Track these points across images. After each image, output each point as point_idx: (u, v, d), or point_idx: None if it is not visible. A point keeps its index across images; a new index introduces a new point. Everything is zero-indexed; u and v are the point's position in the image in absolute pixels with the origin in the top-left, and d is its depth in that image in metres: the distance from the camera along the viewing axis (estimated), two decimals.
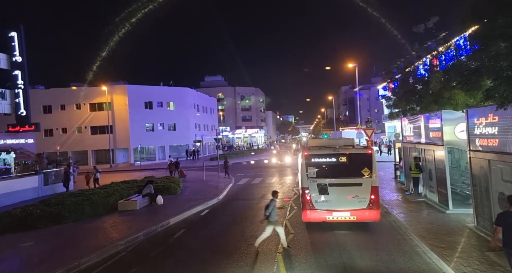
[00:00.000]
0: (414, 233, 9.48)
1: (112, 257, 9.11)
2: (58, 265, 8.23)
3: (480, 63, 8.53)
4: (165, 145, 45.49)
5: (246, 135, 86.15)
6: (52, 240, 10.65)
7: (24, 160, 24.37)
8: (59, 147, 40.24)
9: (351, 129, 50.64)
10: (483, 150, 8.63)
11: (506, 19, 6.57)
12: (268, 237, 9.10)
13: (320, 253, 8.60)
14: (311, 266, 7.79)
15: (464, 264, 7.19)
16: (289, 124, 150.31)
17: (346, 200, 10.14)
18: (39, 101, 40.45)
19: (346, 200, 10.15)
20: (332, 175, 10.36)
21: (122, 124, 42.22)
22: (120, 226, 11.88)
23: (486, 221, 8.90)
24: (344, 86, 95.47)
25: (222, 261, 8.37)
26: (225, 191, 18.69)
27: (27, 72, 25.05)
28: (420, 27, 14.08)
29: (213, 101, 64.77)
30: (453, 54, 12.59)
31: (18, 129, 24.81)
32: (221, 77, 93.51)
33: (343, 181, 10.25)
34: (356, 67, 37.70)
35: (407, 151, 15.90)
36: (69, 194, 15.91)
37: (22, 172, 21.75)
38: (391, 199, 14.26)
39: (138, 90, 43.82)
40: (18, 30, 24.50)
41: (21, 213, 12.53)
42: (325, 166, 10.52)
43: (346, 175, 10.27)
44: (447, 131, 11.11)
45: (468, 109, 9.45)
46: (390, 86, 17.77)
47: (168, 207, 14.68)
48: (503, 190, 8.04)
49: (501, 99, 6.83)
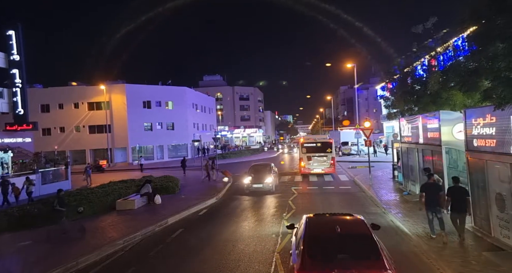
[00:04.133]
0: (411, 233, 9.51)
1: (110, 257, 9.10)
2: (56, 264, 8.22)
3: (478, 64, 8.56)
4: (164, 144, 45.43)
5: (245, 134, 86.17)
6: (50, 239, 10.62)
7: (21, 159, 24.29)
8: (57, 146, 40.14)
9: (350, 129, 50.80)
10: (481, 150, 8.66)
11: (505, 20, 6.60)
12: (266, 237, 9.05)
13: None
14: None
15: (461, 264, 7.22)
16: (288, 124, 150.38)
17: (319, 163, 22.34)
18: (37, 100, 40.29)
19: (319, 163, 22.34)
20: (313, 152, 22.56)
21: (120, 123, 42.14)
22: (118, 226, 11.87)
23: (484, 221, 8.94)
24: (343, 86, 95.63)
25: (221, 260, 8.37)
26: (223, 190, 18.68)
27: (25, 70, 24.94)
28: (419, 27, 14.12)
29: (211, 101, 64.74)
30: (451, 54, 12.62)
31: (16, 128, 24.71)
32: (220, 77, 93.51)
33: (318, 155, 22.45)
34: (355, 67, 37.77)
35: (405, 151, 15.94)
36: (67, 194, 15.85)
37: (20, 171, 21.69)
38: (389, 199, 14.29)
39: (136, 89, 43.74)
40: (16, 29, 24.38)
41: (18, 212, 12.52)
42: (310, 148, 22.74)
43: (320, 152, 22.50)
44: (445, 132, 11.14)
45: (466, 109, 9.48)
46: (389, 86, 17.81)
47: (167, 207, 14.67)
48: (500, 190, 8.08)
49: (498, 100, 6.86)
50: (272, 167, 19.64)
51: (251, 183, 17.66)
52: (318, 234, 6.01)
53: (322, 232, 6.14)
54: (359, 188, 17.96)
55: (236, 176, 23.21)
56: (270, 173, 18.41)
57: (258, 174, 18.24)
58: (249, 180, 17.86)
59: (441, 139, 11.24)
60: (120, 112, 42.12)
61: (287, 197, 16.12)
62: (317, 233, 6.06)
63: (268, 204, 14.87)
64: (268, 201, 15.60)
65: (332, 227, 6.04)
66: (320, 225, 6.49)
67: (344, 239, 5.76)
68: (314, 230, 6.18)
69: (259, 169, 19.11)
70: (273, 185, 17.74)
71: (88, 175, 23.83)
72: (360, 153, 37.33)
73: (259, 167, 19.59)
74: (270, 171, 18.72)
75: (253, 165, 20.41)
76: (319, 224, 6.59)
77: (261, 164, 20.95)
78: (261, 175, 18.15)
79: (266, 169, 18.94)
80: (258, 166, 19.96)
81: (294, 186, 19.43)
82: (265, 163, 20.75)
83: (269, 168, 19.06)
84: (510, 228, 7.76)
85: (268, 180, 17.61)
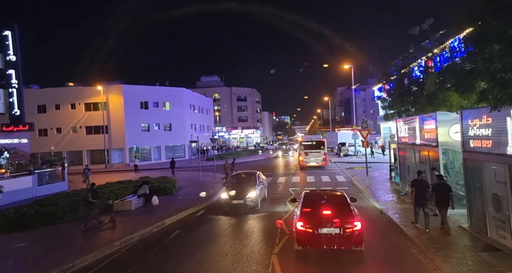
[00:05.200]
0: (409, 234, 9.54)
1: (108, 258, 9.06)
2: (53, 266, 8.17)
3: (474, 65, 8.61)
4: (161, 145, 45.31)
5: (242, 135, 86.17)
6: (46, 240, 10.57)
7: (17, 160, 24.12)
8: (54, 147, 39.86)
9: (347, 130, 50.93)
10: (477, 151, 8.70)
11: (501, 21, 6.63)
12: (264, 238, 9.03)
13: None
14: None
15: (457, 264, 7.25)
16: (285, 124, 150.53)
17: (314, 158, 27.56)
18: (33, 100, 40.11)
19: (314, 158, 27.55)
20: (309, 148, 27.84)
21: (117, 124, 41.99)
22: (115, 227, 11.82)
23: (480, 221, 8.97)
24: (340, 87, 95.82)
25: (219, 262, 8.36)
26: (220, 191, 18.64)
27: (21, 71, 24.79)
28: (415, 29, 14.17)
29: (209, 102, 64.69)
30: (448, 56, 12.67)
31: (12, 129, 24.54)
32: (218, 78, 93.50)
33: (313, 151, 27.67)
34: (352, 68, 37.86)
35: (402, 152, 15.98)
36: (63, 195, 15.81)
37: (16, 172, 21.55)
38: (386, 200, 14.32)
39: (133, 90, 43.63)
40: (13, 29, 24.25)
41: (14, 214, 12.44)
42: (307, 145, 28.05)
43: (315, 149, 27.72)
44: (442, 132, 11.19)
45: (463, 110, 9.53)
46: (386, 87, 17.84)
47: (164, 208, 14.62)
48: (496, 191, 8.11)
49: (494, 101, 6.89)
50: (258, 177, 15.75)
51: (229, 199, 13.94)
52: (312, 200, 9.29)
53: (314, 199, 9.35)
54: (356, 189, 18.00)
55: None
56: (254, 186, 14.62)
57: (240, 187, 14.51)
58: (227, 194, 14.18)
59: (437, 140, 11.29)
60: (117, 112, 41.98)
61: (284, 197, 16.13)
62: (311, 200, 9.36)
63: (267, 204, 14.87)
64: (268, 202, 15.59)
65: (322, 196, 9.48)
66: (313, 196, 9.71)
67: (329, 204, 8.91)
68: (309, 198, 9.51)
69: (241, 180, 15.48)
70: (257, 201, 14.11)
71: (87, 177, 23.61)
72: (357, 154, 37.47)
73: (242, 178, 15.84)
74: (255, 182, 15.00)
75: (234, 174, 17.11)
76: (313, 195, 9.79)
77: (245, 173, 16.83)
78: (243, 188, 14.40)
79: (251, 180, 15.25)
80: (240, 176, 16.19)
81: (292, 187, 19.52)
82: (250, 172, 16.67)
83: (254, 179, 15.32)
84: (506, 229, 7.80)
85: (251, 195, 13.97)
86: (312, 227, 8.17)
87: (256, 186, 14.72)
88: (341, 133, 51.58)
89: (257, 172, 16.53)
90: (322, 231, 8.10)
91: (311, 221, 8.25)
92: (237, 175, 16.58)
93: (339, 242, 8.05)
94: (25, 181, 20.10)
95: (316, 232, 8.11)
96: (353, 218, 8.34)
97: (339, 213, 8.45)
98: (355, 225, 8.13)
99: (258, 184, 15.03)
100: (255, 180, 15.24)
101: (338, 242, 8.05)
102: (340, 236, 8.07)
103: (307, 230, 8.18)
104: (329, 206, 8.71)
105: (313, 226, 8.17)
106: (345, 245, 8.11)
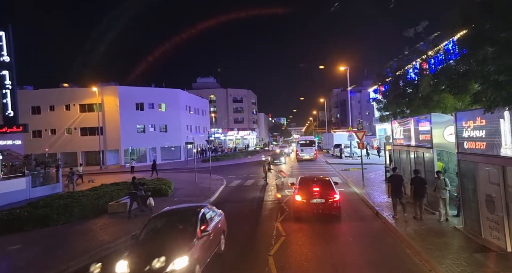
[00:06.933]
0: (404, 235, 9.57)
1: (102, 259, 8.98)
2: (46, 269, 8.10)
3: (468, 67, 8.66)
4: (157, 146, 45.15)
5: (238, 137, 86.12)
6: (40, 243, 10.48)
7: (11, 161, 23.91)
8: (48, 149, 39.58)
9: (343, 132, 51.06)
10: (471, 152, 8.77)
11: (494, 24, 6.69)
12: (261, 239, 8.99)
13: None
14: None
15: (452, 265, 7.29)
16: (281, 126, 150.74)
17: (307, 153, 37.99)
18: (27, 101, 39.77)
19: (307, 153, 38.01)
20: (304, 146, 38.81)
21: (112, 125, 41.78)
22: (110, 229, 11.75)
23: (474, 222, 9.03)
24: (336, 88, 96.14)
25: (214, 263, 8.32)
26: (216, 193, 18.62)
27: (15, 72, 24.56)
28: (410, 31, 14.29)
29: (205, 103, 64.62)
30: (442, 58, 12.78)
31: (6, 130, 24.27)
32: (213, 79, 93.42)
33: (307, 148, 38.36)
34: (347, 69, 38.00)
35: (397, 153, 16.06)
36: (58, 197, 15.67)
37: (10, 174, 21.34)
38: (381, 201, 14.37)
39: (129, 91, 43.47)
40: (6, 30, 24.03)
41: (7, 216, 12.31)
42: (302, 143, 39.71)
43: (308, 146, 38.73)
44: (436, 134, 11.26)
45: (457, 112, 9.59)
46: (381, 89, 17.95)
47: (159, 209, 14.48)
48: (490, 192, 8.17)
49: (488, 103, 6.94)
50: (199, 220, 8.03)
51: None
52: (306, 182, 13.08)
53: (307, 181, 13.22)
54: (352, 190, 18.04)
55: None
56: (187, 245, 7.09)
57: (155, 245, 7.23)
58: (125, 264, 6.73)
59: (432, 141, 11.36)
60: (112, 114, 41.77)
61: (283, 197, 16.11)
62: (305, 181, 13.16)
63: (264, 207, 14.85)
64: (265, 205, 15.56)
65: (313, 179, 13.50)
66: (307, 179, 13.65)
67: (318, 184, 12.61)
68: (304, 180, 13.32)
69: (163, 228, 8.26)
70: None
71: (72, 181, 22.44)
72: (353, 155, 37.61)
73: (167, 220, 8.69)
74: (193, 229, 7.75)
75: (154, 216, 9.21)
76: (306, 178, 13.89)
77: (174, 210, 9.59)
78: (161, 247, 7.06)
79: (186, 225, 8.08)
80: (163, 217, 8.90)
81: (288, 188, 19.55)
82: (186, 209, 9.66)
83: (193, 222, 7.98)
84: (500, 230, 7.86)
85: (177, 265, 6.60)
86: (306, 198, 11.81)
87: (195, 239, 7.41)
88: (336, 134, 51.74)
89: (200, 210, 8.60)
90: (312, 201, 11.74)
91: (305, 194, 11.91)
92: (159, 216, 8.99)
93: (323, 208, 11.71)
94: (19, 183, 19.90)
95: (309, 202, 11.76)
96: (334, 192, 11.97)
97: (324, 190, 12.08)
98: (335, 197, 11.78)
99: (201, 234, 7.67)
100: (194, 224, 7.91)
101: (323, 208, 11.71)
102: (324, 204, 11.70)
103: (303, 200, 11.85)
104: (318, 185, 12.43)
105: (307, 197, 11.81)
106: (328, 210, 11.78)
